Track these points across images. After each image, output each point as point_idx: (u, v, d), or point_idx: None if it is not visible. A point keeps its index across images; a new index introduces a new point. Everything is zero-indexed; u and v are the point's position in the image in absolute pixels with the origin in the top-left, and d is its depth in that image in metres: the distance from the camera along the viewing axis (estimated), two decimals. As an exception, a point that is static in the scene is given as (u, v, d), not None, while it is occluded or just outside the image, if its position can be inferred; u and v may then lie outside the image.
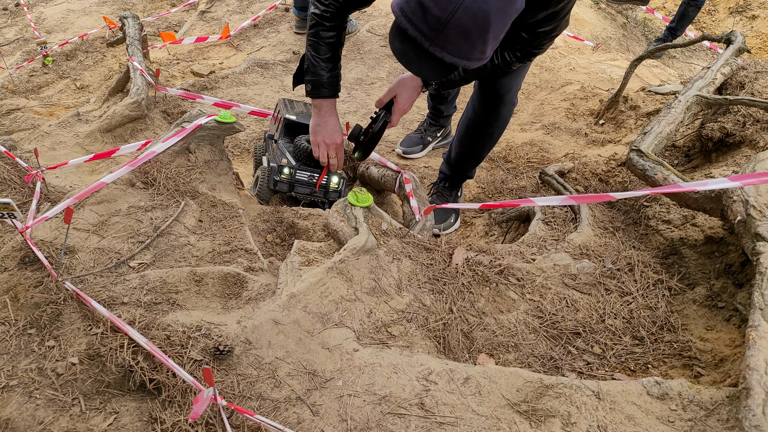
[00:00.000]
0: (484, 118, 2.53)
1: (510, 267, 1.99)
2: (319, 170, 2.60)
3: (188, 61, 4.89)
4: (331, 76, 2.22)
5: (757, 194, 1.81)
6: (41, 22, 5.74)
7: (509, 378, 1.50)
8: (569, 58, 4.86)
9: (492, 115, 2.50)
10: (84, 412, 1.40)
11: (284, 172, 2.56)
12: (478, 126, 2.58)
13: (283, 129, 2.75)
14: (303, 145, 2.56)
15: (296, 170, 2.58)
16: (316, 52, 2.19)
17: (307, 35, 2.21)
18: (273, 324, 1.60)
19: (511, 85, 2.38)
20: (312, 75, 2.21)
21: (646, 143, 2.38)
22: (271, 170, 2.60)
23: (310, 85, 2.23)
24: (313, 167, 2.59)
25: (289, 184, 2.60)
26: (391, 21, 1.74)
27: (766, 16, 7.02)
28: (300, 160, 2.59)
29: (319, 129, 2.32)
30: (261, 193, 2.69)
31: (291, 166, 2.57)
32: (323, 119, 2.30)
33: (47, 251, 1.79)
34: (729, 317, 1.80)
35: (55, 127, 3.09)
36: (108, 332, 1.52)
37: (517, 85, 2.43)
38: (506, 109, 2.49)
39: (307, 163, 2.58)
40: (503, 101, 2.43)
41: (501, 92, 2.38)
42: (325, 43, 2.18)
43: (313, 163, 2.56)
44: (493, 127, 2.57)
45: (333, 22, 2.14)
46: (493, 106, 2.47)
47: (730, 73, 2.94)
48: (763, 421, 1.23)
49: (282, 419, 1.38)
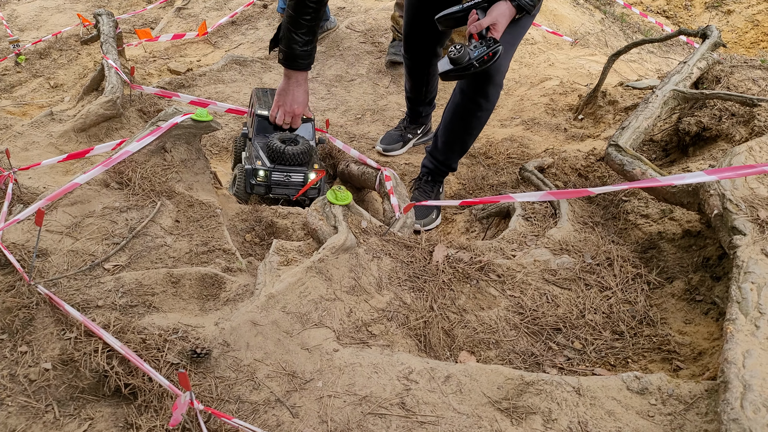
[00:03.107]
0: (472, 100, 2.52)
1: (490, 263, 1.98)
2: (297, 168, 2.53)
3: (165, 58, 4.82)
4: (305, 49, 2.26)
5: (733, 188, 1.82)
6: (14, 19, 5.63)
7: (490, 376, 1.49)
8: (548, 54, 4.87)
9: (480, 98, 2.50)
10: (58, 418, 1.37)
11: (260, 174, 2.50)
12: (467, 109, 2.56)
13: (257, 126, 2.66)
14: (275, 145, 2.49)
15: (272, 172, 2.51)
16: (293, 26, 2.22)
17: (287, 7, 2.24)
18: (251, 325, 1.58)
19: (500, 65, 2.37)
20: (286, 46, 2.24)
21: (624, 138, 2.39)
22: (247, 173, 2.53)
23: (283, 54, 2.26)
24: (289, 166, 2.52)
25: (266, 186, 2.54)
26: (370, 18, 1.74)
27: (741, 10, 7.10)
28: (275, 161, 2.51)
29: (284, 95, 2.39)
30: (239, 194, 2.64)
31: (266, 168, 2.50)
32: (290, 88, 2.35)
33: (19, 254, 1.75)
34: (707, 310, 1.82)
35: (28, 127, 3.03)
36: (82, 336, 1.48)
37: (506, 65, 2.45)
38: (494, 90, 2.49)
39: (282, 162, 2.51)
40: (493, 81, 2.43)
41: (491, 72, 2.37)
42: (304, 19, 2.21)
43: (288, 162, 2.50)
44: (481, 109, 2.56)
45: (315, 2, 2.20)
46: (482, 87, 2.46)
47: (706, 68, 2.97)
48: (741, 415, 1.24)
49: (261, 422, 1.37)
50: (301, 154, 2.50)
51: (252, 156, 2.58)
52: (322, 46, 4.72)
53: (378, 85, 4.36)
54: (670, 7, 7.47)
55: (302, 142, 2.54)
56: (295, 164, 2.51)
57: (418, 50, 2.97)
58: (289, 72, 2.32)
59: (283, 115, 2.44)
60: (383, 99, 4.21)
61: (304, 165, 2.54)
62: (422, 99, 3.33)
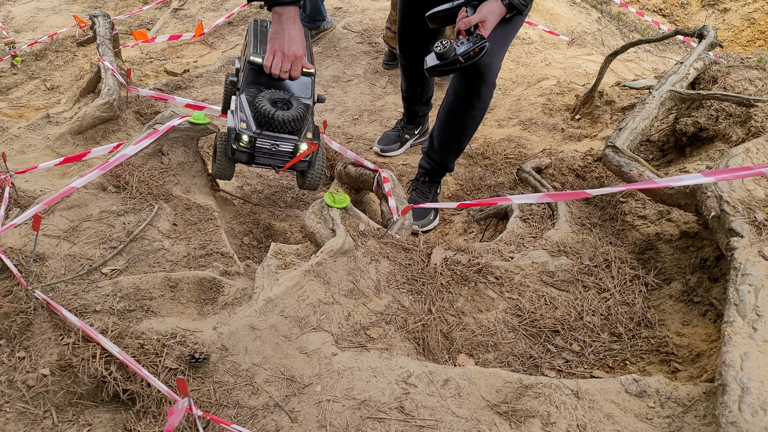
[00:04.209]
0: (465, 99, 2.51)
1: (488, 265, 1.98)
2: (286, 137, 2.15)
3: (161, 59, 4.81)
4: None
5: (730, 190, 1.82)
6: (9, 21, 5.61)
7: (489, 379, 1.49)
8: (545, 54, 4.87)
9: (473, 96, 2.49)
10: (56, 424, 1.37)
11: (243, 140, 2.12)
12: (460, 109, 2.56)
13: (247, 75, 2.20)
14: (264, 108, 2.09)
15: (257, 138, 2.13)
16: None
17: None
18: (250, 329, 1.57)
19: (491, 63, 2.36)
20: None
21: (621, 139, 2.40)
22: (229, 134, 2.16)
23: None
24: (277, 131, 2.14)
25: (249, 154, 2.16)
26: (367, 18, 1.73)
27: (738, 8, 7.11)
28: (262, 125, 2.12)
29: (278, 37, 2.09)
30: (221, 167, 2.27)
31: (251, 134, 2.13)
32: (283, 27, 2.08)
33: (16, 259, 1.74)
34: (705, 312, 1.82)
35: (25, 130, 3.02)
36: (80, 342, 1.48)
37: (497, 65, 2.42)
38: (487, 89, 2.47)
39: (269, 127, 2.12)
40: (484, 80, 2.42)
41: (482, 70, 2.36)
42: None
43: (277, 128, 2.13)
44: (474, 109, 2.55)
45: None
46: (474, 86, 2.45)
47: (703, 68, 2.97)
48: (739, 417, 1.24)
49: (260, 427, 1.37)
50: (293, 121, 2.12)
51: (237, 113, 2.19)
52: (319, 46, 4.71)
53: (375, 85, 4.36)
54: (666, 5, 7.47)
55: (296, 105, 2.14)
56: (286, 132, 2.14)
57: (412, 49, 2.96)
58: (279, 10, 2.08)
59: (280, 61, 2.10)
60: (380, 99, 4.21)
61: (295, 133, 2.16)
62: (418, 98, 3.32)
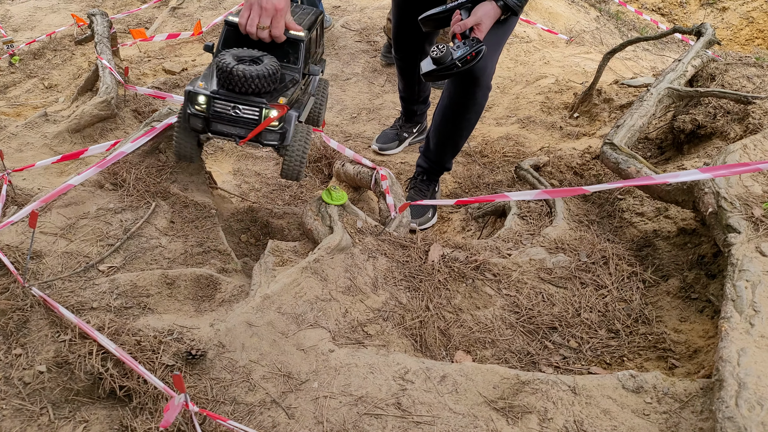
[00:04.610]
0: (460, 103, 2.50)
1: (486, 262, 1.98)
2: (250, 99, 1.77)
3: (160, 58, 4.81)
4: None
5: (728, 186, 1.82)
6: (7, 20, 5.60)
7: (486, 375, 1.49)
8: (543, 52, 4.87)
9: (468, 100, 2.48)
10: (53, 421, 1.37)
11: (198, 101, 1.78)
12: (455, 112, 2.55)
13: (224, 36, 1.92)
14: (224, 62, 1.74)
15: (213, 99, 1.78)
16: None
17: None
18: (247, 326, 1.57)
19: (486, 67, 2.35)
20: None
21: (619, 136, 2.40)
22: (185, 97, 1.82)
23: None
24: (239, 93, 1.77)
25: (204, 119, 1.81)
26: (365, 17, 1.70)
27: (736, 7, 7.11)
28: (223, 86, 1.78)
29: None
30: (178, 142, 1.92)
31: (207, 94, 1.78)
32: None
33: (13, 256, 1.74)
34: (702, 308, 1.82)
35: (22, 128, 3.02)
36: (76, 339, 1.48)
37: (492, 67, 2.41)
38: (482, 92, 2.46)
39: (231, 87, 1.77)
40: (479, 83, 2.41)
41: (476, 74, 2.35)
42: None
43: (239, 88, 1.75)
44: (470, 112, 2.54)
45: None
46: (469, 89, 2.44)
47: (701, 65, 2.97)
48: (736, 413, 1.24)
49: (256, 424, 1.36)
50: (259, 79, 1.74)
51: (202, 76, 1.87)
52: (317, 45, 4.70)
53: (374, 84, 4.36)
54: (665, 4, 7.47)
55: (267, 62, 1.78)
56: (249, 92, 1.76)
57: (408, 50, 2.96)
58: None
59: (257, 15, 1.74)
60: (379, 98, 4.20)
61: (263, 95, 1.79)
62: (416, 98, 3.32)
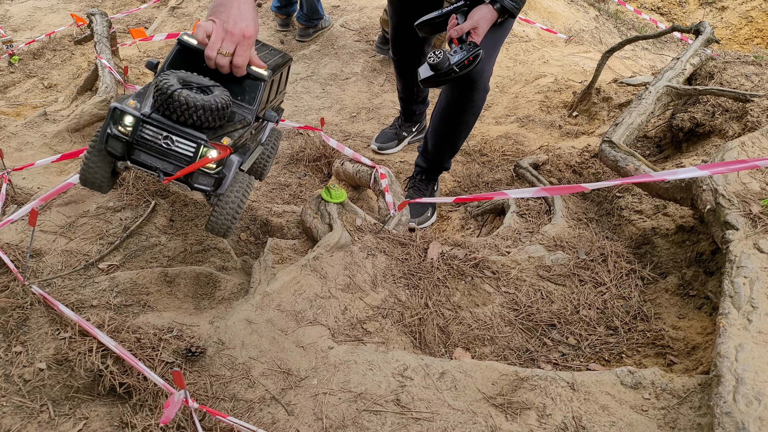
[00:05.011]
0: (458, 106, 2.51)
1: (485, 260, 1.99)
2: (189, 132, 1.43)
3: (159, 58, 4.81)
4: None
5: (726, 183, 1.83)
6: (7, 20, 5.61)
7: (485, 371, 1.50)
8: (542, 51, 4.87)
9: (466, 103, 2.48)
10: (53, 418, 1.37)
11: (125, 121, 1.43)
12: (453, 114, 2.55)
13: (174, 55, 1.58)
14: (165, 83, 1.41)
15: (144, 123, 1.43)
16: None
17: None
18: (246, 324, 1.58)
19: (483, 70, 2.35)
20: None
21: (618, 134, 2.40)
22: (108, 114, 1.45)
23: None
24: (177, 121, 1.43)
25: (127, 144, 1.45)
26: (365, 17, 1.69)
27: (735, 7, 7.12)
28: (159, 110, 1.43)
29: (222, 10, 1.49)
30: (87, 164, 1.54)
31: (137, 115, 1.43)
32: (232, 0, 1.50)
33: (13, 254, 1.75)
34: (700, 305, 1.82)
35: (22, 128, 3.02)
36: (76, 336, 1.48)
37: (489, 70, 2.41)
38: (479, 95, 2.46)
39: (168, 114, 1.43)
40: (476, 87, 2.40)
41: (474, 78, 2.35)
42: None
43: (177, 115, 1.42)
44: (467, 114, 2.54)
45: None
46: (467, 93, 2.44)
47: (699, 64, 2.98)
48: (733, 408, 1.25)
49: (256, 420, 1.37)
50: (204, 110, 1.42)
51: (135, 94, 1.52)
52: (316, 44, 4.71)
53: (373, 83, 4.36)
54: (664, 3, 7.48)
55: (218, 93, 1.45)
56: (189, 124, 1.43)
57: (407, 52, 2.96)
58: None
59: (220, 39, 1.47)
60: (378, 97, 4.21)
61: (204, 129, 1.45)
62: (414, 98, 3.33)
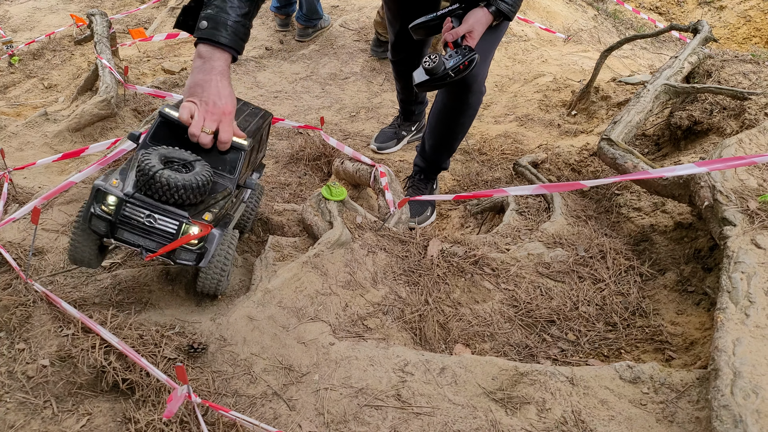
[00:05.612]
0: (453, 109, 2.52)
1: (485, 257, 2.00)
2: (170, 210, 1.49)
3: (159, 58, 4.82)
4: (238, 21, 1.57)
5: (723, 179, 1.84)
6: (6, 20, 5.62)
7: (485, 367, 1.51)
8: (541, 50, 4.89)
9: (462, 106, 2.50)
10: (56, 414, 1.38)
11: (107, 201, 1.49)
12: (449, 116, 2.57)
13: (155, 130, 1.61)
14: (147, 162, 1.47)
15: (125, 203, 1.48)
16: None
17: None
18: (248, 320, 1.59)
19: (478, 74, 2.36)
20: (214, 9, 1.55)
21: (616, 132, 2.41)
22: (91, 193, 1.51)
23: (206, 22, 1.54)
24: (159, 200, 1.49)
25: (110, 223, 1.49)
26: (364, 16, 1.70)
27: (734, 6, 7.13)
28: (141, 189, 1.48)
29: (201, 87, 1.54)
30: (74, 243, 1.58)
31: (119, 196, 1.48)
32: (209, 77, 1.54)
33: (15, 253, 1.76)
34: (699, 301, 1.84)
35: (23, 128, 3.03)
36: (79, 333, 1.49)
37: (484, 73, 2.41)
38: (475, 97, 2.47)
39: (150, 194, 1.48)
40: (472, 90, 2.41)
41: (469, 81, 2.36)
42: None
43: (159, 194, 1.48)
44: (463, 116, 2.56)
45: None
46: (462, 96, 2.45)
47: (697, 62, 2.99)
48: (731, 401, 1.26)
49: (258, 415, 1.38)
50: (185, 190, 1.47)
51: (119, 171, 1.57)
52: (316, 44, 4.72)
53: (372, 82, 4.37)
54: (662, 3, 7.49)
55: (199, 170, 1.51)
56: (171, 202, 1.49)
57: (405, 55, 2.97)
58: (206, 51, 1.55)
59: (202, 117, 1.53)
60: (377, 97, 4.22)
61: (187, 207, 1.51)
62: (413, 99, 3.34)
